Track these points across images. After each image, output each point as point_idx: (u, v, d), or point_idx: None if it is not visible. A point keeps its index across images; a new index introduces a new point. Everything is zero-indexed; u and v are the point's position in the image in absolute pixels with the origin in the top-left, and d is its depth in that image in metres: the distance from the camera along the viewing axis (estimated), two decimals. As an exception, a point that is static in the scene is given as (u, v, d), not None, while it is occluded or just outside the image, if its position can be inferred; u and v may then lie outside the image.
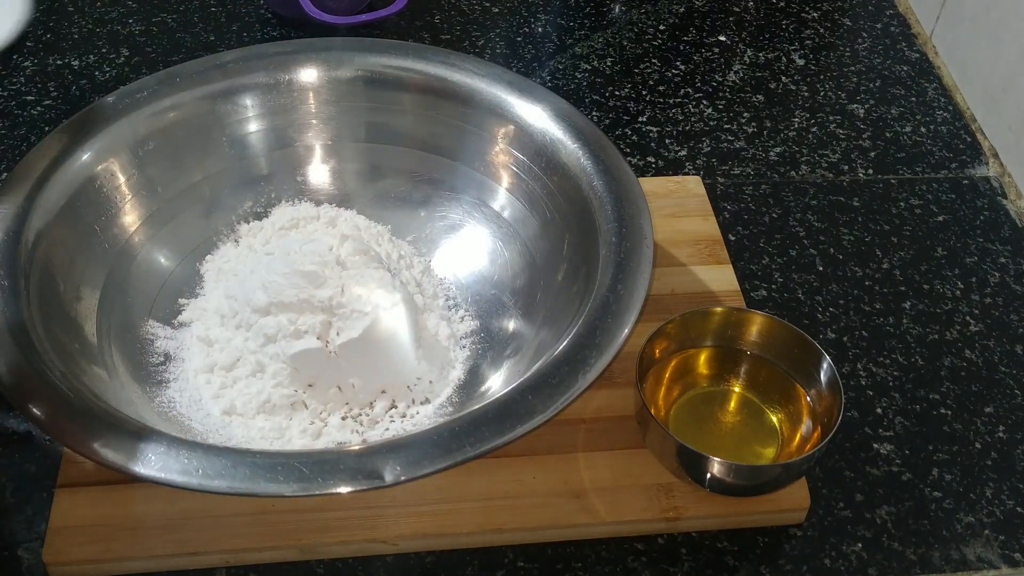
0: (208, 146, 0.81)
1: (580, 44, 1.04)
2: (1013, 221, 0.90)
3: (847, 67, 1.04)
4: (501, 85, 0.80)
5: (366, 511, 0.67)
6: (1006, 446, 0.75)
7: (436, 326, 0.75)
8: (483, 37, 1.04)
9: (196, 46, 1.01)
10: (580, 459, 0.70)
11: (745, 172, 0.93)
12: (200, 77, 0.80)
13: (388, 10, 1.03)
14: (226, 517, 0.66)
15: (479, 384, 0.73)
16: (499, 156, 0.80)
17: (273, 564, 0.66)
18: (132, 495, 0.66)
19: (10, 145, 0.91)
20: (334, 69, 0.82)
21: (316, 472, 0.60)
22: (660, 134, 0.96)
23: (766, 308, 0.82)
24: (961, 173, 0.94)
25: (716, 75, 1.02)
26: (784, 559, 0.68)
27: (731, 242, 0.86)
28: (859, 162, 0.94)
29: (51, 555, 0.64)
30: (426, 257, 0.81)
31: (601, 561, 0.67)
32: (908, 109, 1.00)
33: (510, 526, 0.67)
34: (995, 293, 0.84)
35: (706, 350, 0.74)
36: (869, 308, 0.83)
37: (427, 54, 0.82)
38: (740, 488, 0.68)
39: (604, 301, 0.68)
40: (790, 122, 0.98)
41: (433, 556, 0.67)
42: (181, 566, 0.65)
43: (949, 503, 0.71)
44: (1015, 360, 0.80)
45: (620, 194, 0.74)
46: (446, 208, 0.82)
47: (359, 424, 0.71)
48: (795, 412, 0.71)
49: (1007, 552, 0.69)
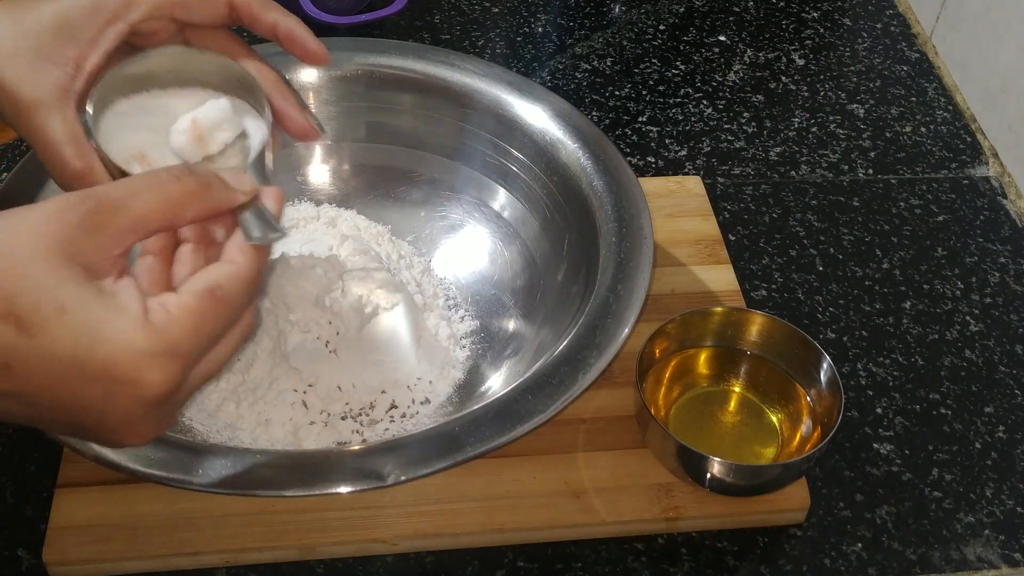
0: (208, 146, 0.80)
1: (580, 44, 1.04)
2: (1013, 221, 0.90)
3: (847, 67, 1.04)
4: (501, 85, 0.80)
5: (366, 511, 0.67)
6: (1006, 446, 0.75)
7: (436, 326, 0.76)
8: (483, 37, 1.04)
9: (196, 46, 1.01)
10: (580, 459, 0.70)
11: (745, 172, 0.93)
12: (200, 77, 0.80)
13: (388, 10, 1.03)
14: (226, 517, 0.66)
15: (479, 384, 0.73)
16: (499, 156, 0.80)
17: (273, 564, 0.66)
18: (132, 495, 0.66)
19: (10, 145, 0.91)
20: (334, 69, 0.82)
21: (316, 472, 0.60)
22: (660, 134, 0.96)
23: (766, 308, 0.82)
24: (961, 173, 0.94)
25: (716, 75, 1.02)
26: (784, 559, 0.68)
27: (731, 242, 0.86)
28: (859, 162, 0.94)
29: (51, 555, 0.64)
30: (426, 257, 0.81)
31: (601, 561, 0.67)
32: (908, 109, 1.00)
33: (510, 526, 0.67)
34: (995, 293, 0.84)
35: (706, 350, 0.74)
36: (869, 308, 0.83)
37: (427, 54, 0.82)
38: (740, 488, 0.68)
39: (604, 301, 0.68)
40: (790, 122, 0.98)
41: (433, 556, 0.67)
42: (181, 566, 0.65)
43: (949, 503, 0.71)
44: (1015, 360, 0.80)
45: (620, 194, 0.74)
46: (446, 208, 0.82)
47: (359, 424, 0.71)
48: (795, 412, 0.71)
49: (1007, 552, 0.69)
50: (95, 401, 0.44)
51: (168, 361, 0.44)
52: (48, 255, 0.43)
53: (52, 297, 0.42)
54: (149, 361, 0.43)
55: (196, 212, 0.47)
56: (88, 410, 0.44)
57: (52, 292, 0.42)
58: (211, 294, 0.45)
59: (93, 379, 0.43)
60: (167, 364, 0.44)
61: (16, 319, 0.42)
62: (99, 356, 0.43)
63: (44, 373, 0.43)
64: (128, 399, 0.44)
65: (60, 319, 0.42)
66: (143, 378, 0.44)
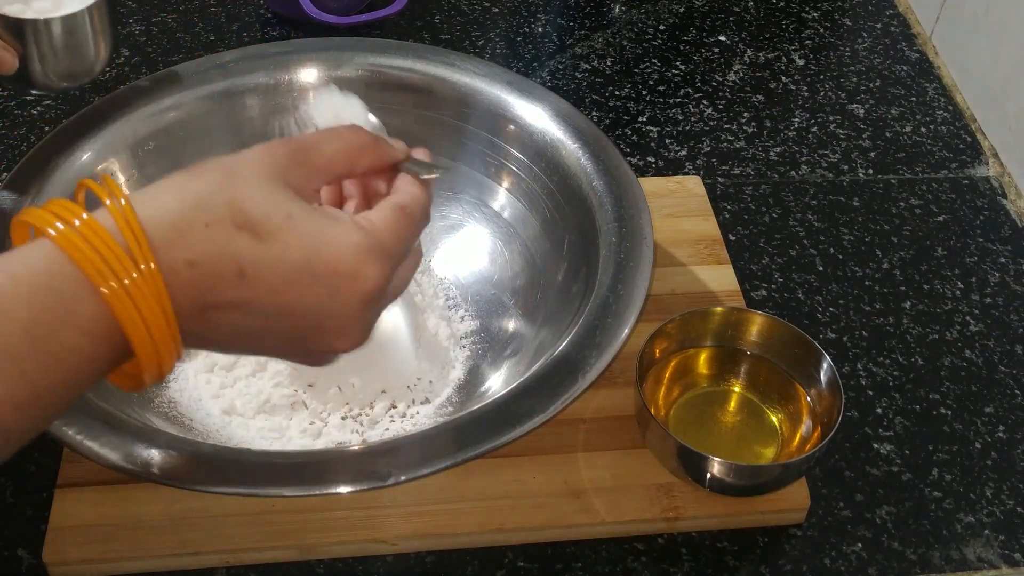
0: (208, 146, 0.80)
1: (580, 44, 1.04)
2: (1013, 221, 0.90)
3: (847, 67, 1.04)
4: (501, 85, 0.80)
5: (366, 511, 0.67)
6: (1006, 446, 0.75)
7: (436, 326, 0.76)
8: (483, 37, 1.04)
9: (196, 46, 1.01)
10: (580, 459, 0.70)
11: (745, 172, 0.93)
12: (200, 77, 0.80)
13: (388, 10, 1.03)
14: (226, 517, 0.66)
15: (479, 384, 0.73)
16: (499, 156, 0.80)
17: (273, 564, 0.66)
18: (132, 495, 0.66)
19: (10, 145, 0.91)
20: (334, 69, 0.82)
21: (316, 472, 0.60)
22: (660, 134, 0.96)
23: (766, 308, 0.82)
24: (961, 173, 0.94)
25: (716, 75, 1.02)
26: (784, 559, 0.68)
27: (731, 242, 0.86)
28: (859, 162, 0.94)
29: (51, 555, 0.64)
30: (426, 257, 0.81)
31: (601, 561, 0.67)
32: (908, 109, 1.00)
33: (510, 526, 0.67)
34: (995, 293, 0.84)
35: (706, 350, 0.74)
36: (869, 308, 0.83)
37: (427, 54, 0.82)
38: (740, 488, 0.68)
39: (604, 301, 0.68)
40: (790, 122, 0.98)
41: (433, 556, 0.67)
42: (181, 566, 0.65)
43: (949, 503, 0.71)
44: (1015, 360, 0.80)
45: (620, 194, 0.74)
46: (446, 208, 0.82)
47: (359, 424, 0.71)
48: (795, 412, 0.71)
49: (1007, 552, 0.69)
50: (320, 299, 0.48)
51: (382, 257, 0.50)
52: (269, 177, 0.48)
53: (280, 208, 0.48)
54: (368, 256, 0.49)
55: (370, 160, 0.54)
56: (310, 312, 0.49)
57: (280, 204, 0.48)
58: (402, 210, 0.52)
59: (320, 276, 0.48)
60: (382, 260, 0.50)
61: (251, 228, 0.47)
62: (326, 254, 0.48)
63: (276, 276, 0.47)
64: (351, 293, 0.49)
65: (290, 225, 0.47)
66: (365, 271, 0.49)
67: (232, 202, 0.47)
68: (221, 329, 0.48)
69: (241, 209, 0.47)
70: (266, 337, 0.50)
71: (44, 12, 0.72)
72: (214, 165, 0.48)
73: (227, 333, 0.48)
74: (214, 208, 0.46)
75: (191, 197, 0.46)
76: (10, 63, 0.71)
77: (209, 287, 0.46)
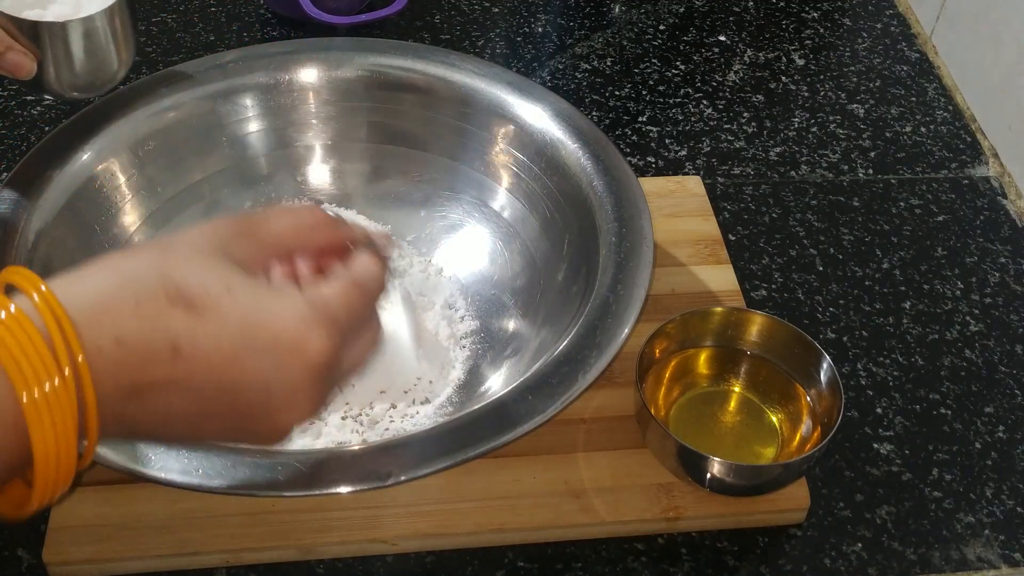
0: (208, 146, 0.81)
1: (580, 44, 1.04)
2: (1013, 221, 0.90)
3: (847, 67, 1.04)
4: (501, 85, 0.80)
5: (366, 511, 0.67)
6: (1006, 446, 0.75)
7: (436, 326, 0.76)
8: (483, 37, 1.04)
9: (196, 46, 1.01)
10: (580, 459, 0.70)
11: (745, 172, 0.93)
12: (200, 77, 0.80)
13: (388, 10, 1.03)
14: (226, 517, 0.66)
15: (479, 384, 0.73)
16: (499, 156, 0.80)
17: (273, 564, 0.66)
18: (132, 495, 0.66)
19: (10, 145, 0.91)
20: (334, 69, 0.82)
21: (316, 472, 0.60)
22: (660, 134, 0.96)
23: (766, 308, 0.82)
24: (961, 173, 0.94)
25: (716, 75, 1.02)
26: (784, 559, 0.68)
27: (731, 242, 0.86)
28: (859, 162, 0.94)
29: (51, 555, 0.64)
30: (426, 257, 0.81)
31: (601, 561, 0.67)
32: (908, 109, 1.00)
33: (510, 526, 0.67)
34: (995, 293, 0.84)
35: (706, 350, 0.74)
36: (869, 308, 0.83)
37: (427, 54, 0.82)
38: (740, 488, 0.68)
39: (604, 301, 0.68)
40: (790, 122, 0.98)
41: (433, 556, 0.67)
42: (181, 566, 0.65)
43: (949, 503, 0.71)
44: (1015, 360, 0.80)
45: (620, 194, 0.74)
46: (446, 208, 0.82)
47: (359, 424, 0.71)
48: (795, 412, 0.71)
49: (1007, 552, 0.69)
50: (263, 374, 0.46)
51: (330, 328, 0.47)
52: (209, 250, 0.47)
53: (219, 281, 0.45)
54: (314, 326, 0.46)
55: (324, 237, 0.51)
56: (253, 387, 0.46)
57: (219, 277, 0.45)
58: (353, 282, 0.50)
59: (262, 349, 0.45)
60: (329, 331, 0.47)
61: (186, 302, 0.44)
62: (268, 326, 0.45)
63: (214, 352, 0.44)
64: (297, 367, 0.46)
65: (230, 297, 0.45)
66: (310, 342, 0.46)
67: (165, 276, 0.44)
68: (156, 412, 0.45)
69: (175, 283, 0.44)
70: (206, 420, 0.46)
71: (63, 16, 0.72)
72: (150, 243, 0.47)
73: (162, 417, 0.45)
74: (145, 283, 0.44)
75: (122, 275, 0.44)
76: (28, 67, 0.70)
77: (138, 366, 0.43)
